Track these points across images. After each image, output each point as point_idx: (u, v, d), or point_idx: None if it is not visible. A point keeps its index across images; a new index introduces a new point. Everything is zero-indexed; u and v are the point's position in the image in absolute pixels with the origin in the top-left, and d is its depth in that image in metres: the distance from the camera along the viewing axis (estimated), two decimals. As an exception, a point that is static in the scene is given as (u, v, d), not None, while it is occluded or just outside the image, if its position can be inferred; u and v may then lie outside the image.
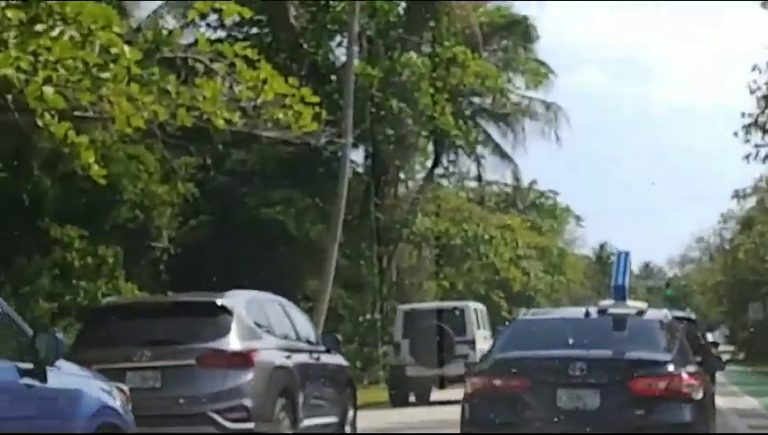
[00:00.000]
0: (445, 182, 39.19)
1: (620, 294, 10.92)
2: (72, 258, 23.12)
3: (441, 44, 30.03)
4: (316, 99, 17.61)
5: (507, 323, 15.59)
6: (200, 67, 19.23)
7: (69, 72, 13.82)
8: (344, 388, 13.97)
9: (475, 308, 25.70)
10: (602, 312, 10.63)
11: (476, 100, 36.41)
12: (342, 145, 25.40)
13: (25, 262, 22.80)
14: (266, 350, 11.74)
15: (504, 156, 38.70)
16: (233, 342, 11.36)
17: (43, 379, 7.17)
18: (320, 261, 25.92)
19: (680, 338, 10.38)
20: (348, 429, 13.89)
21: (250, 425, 11.11)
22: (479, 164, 38.91)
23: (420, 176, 36.61)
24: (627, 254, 12.03)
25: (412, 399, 24.51)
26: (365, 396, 21.09)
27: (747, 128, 18.28)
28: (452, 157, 36.21)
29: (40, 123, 13.90)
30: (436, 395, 23.91)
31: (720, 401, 20.98)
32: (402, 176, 36.36)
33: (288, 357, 12.14)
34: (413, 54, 28.82)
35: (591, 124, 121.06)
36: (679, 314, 16.27)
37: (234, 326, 11.49)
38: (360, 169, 33.21)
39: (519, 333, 10.85)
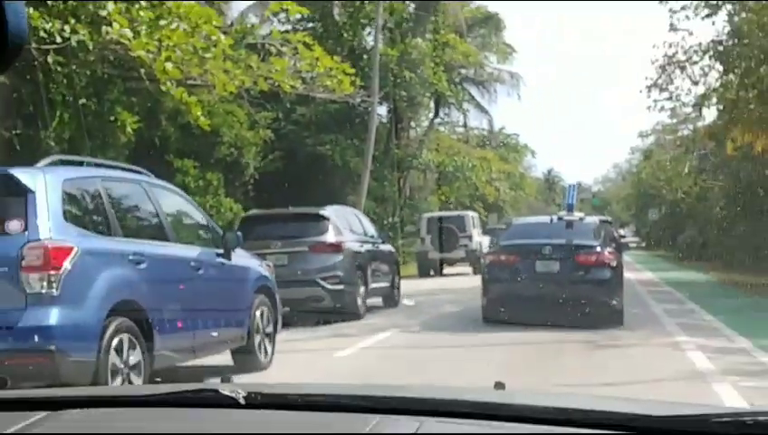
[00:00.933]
0: (442, 128, 38.69)
1: (570, 210, 12.38)
2: (188, 181, 23.06)
3: (438, 33, 29.45)
4: (352, 70, 17.42)
5: (505, 225, 16.09)
6: (273, 50, 19.00)
7: (183, 54, 13.74)
8: (392, 265, 14.90)
9: (471, 215, 27.15)
10: (560, 219, 12.01)
11: (463, 71, 35.77)
12: (371, 103, 25.13)
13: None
14: (349, 241, 12.79)
15: (482, 109, 38.26)
16: (330, 236, 12.42)
17: (229, 258, 7.54)
18: (356, 183, 25.85)
19: (603, 232, 12.11)
20: (395, 290, 14.76)
21: (341, 286, 12.19)
22: (465, 116, 38.42)
23: (425, 124, 36.26)
24: (575, 185, 14.21)
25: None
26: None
27: (649, 88, 17.90)
28: (447, 111, 35.65)
29: (163, 88, 13.81)
30: (446, 270, 25.29)
31: (629, 275, 21.09)
32: (413, 124, 36.02)
33: (361, 246, 13.26)
34: (419, 40, 28.28)
35: (542, 83, 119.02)
36: (602, 218, 17.18)
37: (330, 227, 12.53)
38: (384, 120, 32.89)
39: (513, 231, 12.78)
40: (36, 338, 5.25)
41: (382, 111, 32.66)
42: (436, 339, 10.11)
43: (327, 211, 13.00)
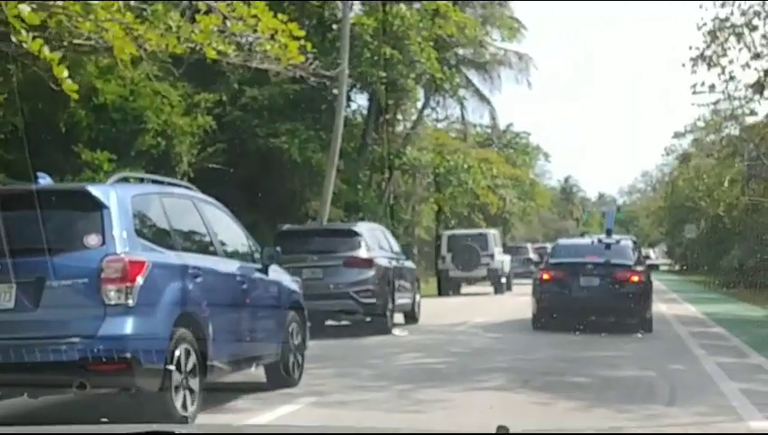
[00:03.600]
0: (439, 124, 36.37)
1: (609, 234, 15.58)
2: (99, 178, 20.67)
3: (427, -1, 27.16)
4: (302, 33, 14.96)
5: (554, 245, 18.95)
6: (203, 6, 16.68)
7: (54, -6, 11.41)
8: (414, 282, 16.91)
9: (493, 234, 29.58)
10: (600, 241, 15.36)
11: (461, 51, 33.39)
12: (339, 83, 22.73)
13: (59, 181, 20.33)
14: (379, 257, 14.85)
15: (482, 98, 35.79)
16: (362, 252, 14.48)
17: (266, 273, 8.56)
18: (321, 185, 23.41)
19: (636, 251, 15.65)
20: (416, 307, 16.82)
21: (373, 300, 14.18)
22: (462, 106, 35.91)
23: (414, 117, 33.89)
24: (613, 211, 19.05)
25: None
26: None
27: (694, 60, 15.46)
28: (440, 100, 33.23)
29: (14, 39, 11.40)
30: (464, 290, 28.16)
31: (663, 308, 18.70)
32: (399, 116, 33.70)
33: (389, 262, 15.29)
34: (402, 7, 25.91)
35: (558, 70, 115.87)
36: (631, 238, 19.55)
37: (362, 243, 14.56)
38: (364, 111, 30.62)
39: (560, 250, 15.91)
40: (114, 346, 6.22)
41: (362, 100, 30.41)
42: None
43: (359, 227, 15.36)
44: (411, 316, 16.54)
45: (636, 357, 11.23)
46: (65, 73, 11.83)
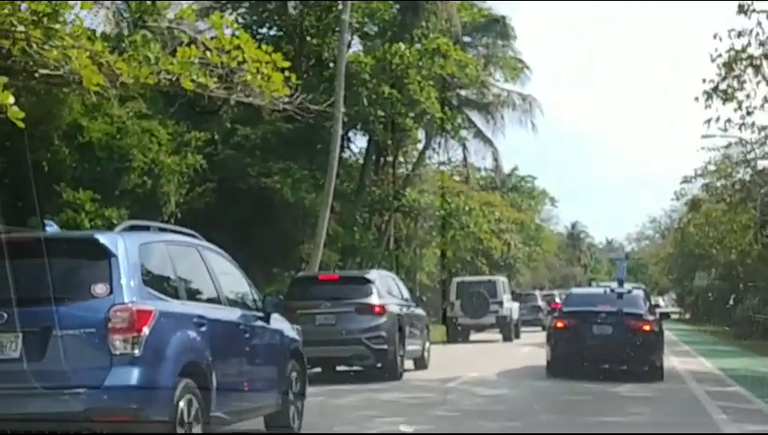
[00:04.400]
0: (434, 163, 35.34)
1: (621, 283, 16.21)
2: (80, 220, 19.69)
3: (426, 37, 26.25)
4: (287, 63, 13.94)
5: (568, 293, 19.07)
6: (186, 38, 15.88)
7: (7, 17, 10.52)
8: (424, 329, 17.16)
9: (502, 281, 29.21)
10: (612, 290, 15.80)
11: (462, 92, 32.44)
12: (335, 120, 21.83)
13: (38, 221, 19.36)
14: (390, 304, 15.14)
15: (485, 140, 34.72)
16: (374, 299, 14.76)
17: (268, 322, 8.49)
18: (314, 227, 22.37)
19: (647, 301, 16.22)
20: (425, 353, 17.07)
21: (384, 346, 14.46)
22: (464, 147, 34.83)
23: (414, 159, 32.93)
24: (624, 260, 19.88)
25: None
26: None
27: (708, 94, 14.39)
28: (441, 140, 32.17)
29: (-42, 62, 10.46)
30: (473, 337, 28.21)
31: (675, 363, 17.54)
32: (401, 159, 32.76)
33: (400, 309, 15.59)
34: (401, 45, 25.01)
35: (563, 114, 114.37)
36: (641, 286, 20.23)
37: (374, 290, 14.89)
38: (363, 152, 29.68)
39: (572, 299, 16.44)
40: (120, 397, 6.24)
41: (361, 142, 29.47)
42: None
43: (371, 274, 15.82)
44: (421, 363, 16.84)
45: (650, 423, 10.00)
46: (11, 99, 10.86)
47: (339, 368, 15.17)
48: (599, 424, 9.73)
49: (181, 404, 6.52)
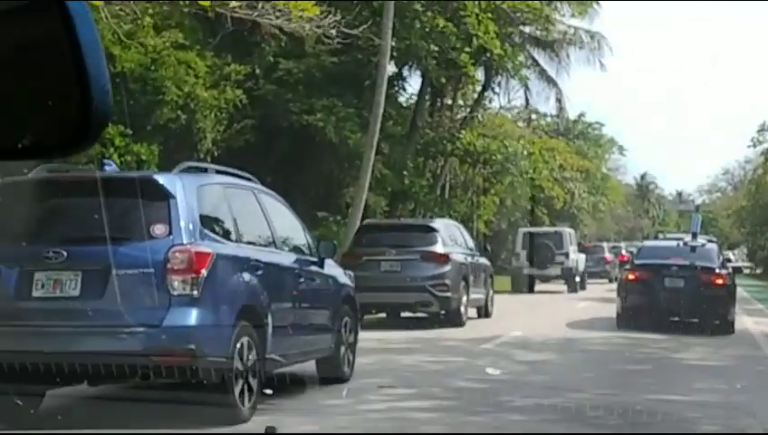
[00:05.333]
0: (494, 108, 33.34)
1: (695, 236, 16.16)
2: (110, 154, 18.52)
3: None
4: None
5: (641, 246, 18.98)
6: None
7: None
8: (487, 277, 17.25)
9: (569, 232, 28.83)
10: (686, 243, 15.86)
11: (525, 29, 30.28)
12: (381, 53, 20.16)
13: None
14: (455, 253, 15.28)
15: (549, 81, 32.58)
16: (439, 247, 14.89)
17: (322, 267, 8.56)
18: (359, 169, 20.85)
19: (720, 254, 16.24)
20: (488, 302, 17.23)
21: (448, 294, 14.55)
22: (527, 88, 32.68)
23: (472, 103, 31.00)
24: (699, 214, 18.64)
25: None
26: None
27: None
28: (500, 79, 30.07)
29: None
30: (538, 287, 27.59)
31: (749, 323, 15.84)
32: (459, 99, 30.89)
33: (465, 257, 15.73)
34: (458, -29, 23.13)
35: (635, 55, 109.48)
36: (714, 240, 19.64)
37: (439, 238, 15.05)
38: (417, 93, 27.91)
39: (645, 251, 16.60)
40: (179, 337, 6.35)
41: (416, 84, 27.75)
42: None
43: (436, 223, 16.29)
44: (484, 311, 17.00)
45: (724, 405, 8.23)
46: None
47: (403, 314, 15.30)
48: (651, 406, 8.00)
49: (238, 345, 6.59)
